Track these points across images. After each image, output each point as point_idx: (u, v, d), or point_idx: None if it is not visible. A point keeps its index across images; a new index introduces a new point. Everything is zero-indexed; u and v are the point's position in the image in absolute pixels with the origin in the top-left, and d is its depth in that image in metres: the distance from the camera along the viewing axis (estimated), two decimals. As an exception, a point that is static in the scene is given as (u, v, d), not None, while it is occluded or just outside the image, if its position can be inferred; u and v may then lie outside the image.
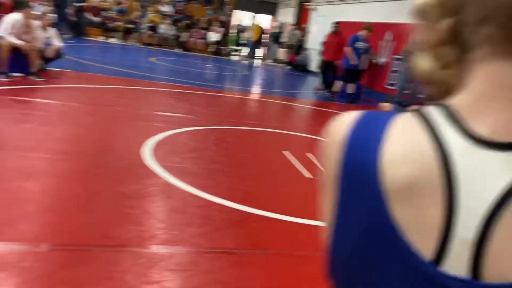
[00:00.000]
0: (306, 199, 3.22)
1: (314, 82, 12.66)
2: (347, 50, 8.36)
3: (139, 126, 4.53)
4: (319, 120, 7.07)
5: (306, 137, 5.32)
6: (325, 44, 10.14)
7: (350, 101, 8.62)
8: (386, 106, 6.94)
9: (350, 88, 8.69)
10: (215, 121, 5.30)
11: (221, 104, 6.88)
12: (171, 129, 4.49)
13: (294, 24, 17.33)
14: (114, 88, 6.53)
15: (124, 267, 1.97)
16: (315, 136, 5.42)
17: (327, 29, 14.13)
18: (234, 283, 1.98)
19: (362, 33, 8.36)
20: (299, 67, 15.00)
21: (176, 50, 15.44)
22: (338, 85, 8.72)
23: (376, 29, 10.89)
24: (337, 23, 9.36)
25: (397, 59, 9.29)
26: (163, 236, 2.31)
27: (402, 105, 7.65)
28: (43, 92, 5.53)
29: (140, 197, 2.78)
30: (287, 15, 18.75)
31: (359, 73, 8.64)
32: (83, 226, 2.28)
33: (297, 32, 16.55)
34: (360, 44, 8.36)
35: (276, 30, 17.71)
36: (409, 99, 8.74)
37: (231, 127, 5.11)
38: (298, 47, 16.13)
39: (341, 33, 9.29)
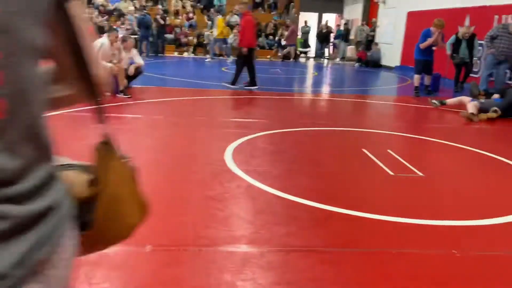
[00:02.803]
0: (392, 196, 3.13)
1: (388, 76, 12.20)
2: (421, 46, 8.04)
3: (219, 133, 4.72)
4: (398, 116, 6.82)
5: (385, 133, 5.16)
6: None
7: (427, 93, 8.20)
8: (465, 100, 6.49)
9: (426, 80, 8.30)
10: (289, 123, 5.35)
11: (294, 106, 6.92)
12: (248, 135, 4.63)
13: (362, 20, 16.90)
14: (192, 99, 6.87)
15: (219, 265, 2.08)
16: (395, 132, 5.23)
17: (399, 21, 13.60)
18: (327, 280, 2.00)
19: (432, 28, 7.97)
20: (370, 63, 14.57)
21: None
22: (415, 79, 8.33)
23: (454, 15, 10.27)
24: (245, 2, 8.20)
25: (480, 45, 8.65)
26: (252, 235, 2.40)
27: (488, 93, 7.10)
28: (131, 108, 6.00)
29: (226, 199, 2.90)
30: (354, 12, 18.34)
31: (430, 64, 8.19)
32: (179, 228, 2.45)
33: (366, 27, 16.11)
34: (431, 42, 7.99)
35: (342, 28, 17.37)
36: (494, 86, 8.10)
37: (306, 129, 5.13)
38: (367, 43, 15.70)
39: (246, 14, 8.10)
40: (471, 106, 6.08)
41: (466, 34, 8.50)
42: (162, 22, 14.76)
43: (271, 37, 17.24)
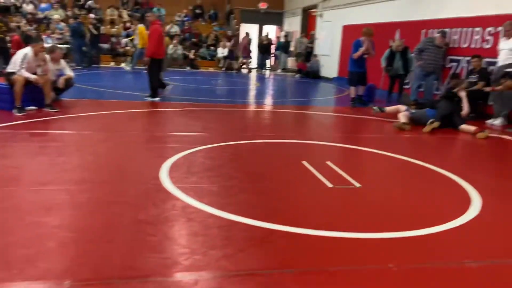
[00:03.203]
0: (330, 210, 3.11)
1: (327, 87, 12.55)
2: (354, 56, 8.32)
3: (154, 149, 4.50)
4: (337, 126, 6.96)
5: (325, 145, 5.21)
6: None
7: (361, 103, 8.48)
8: (402, 108, 6.79)
9: (360, 90, 8.60)
10: (230, 136, 5.25)
11: (235, 118, 6.83)
12: (186, 149, 4.45)
13: (301, 32, 17.33)
14: (126, 112, 6.56)
15: (148, 299, 1.90)
16: (334, 143, 5.30)
17: (335, 34, 14.09)
18: (263, 307, 1.89)
19: (362, 38, 8.30)
20: (310, 74, 14.93)
21: (186, 68, 15.60)
22: (351, 90, 8.60)
23: (385, 29, 10.80)
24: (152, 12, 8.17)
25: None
26: (186, 262, 2.23)
27: (418, 103, 7.48)
28: (58, 123, 5.58)
29: (159, 222, 2.71)
30: (293, 24, 18.77)
31: (363, 75, 8.52)
32: (105, 258, 2.23)
33: (305, 39, 16.53)
34: (363, 52, 8.31)
35: (283, 40, 17.71)
36: (424, 96, 8.57)
37: (246, 141, 5.05)
38: (307, 54, 16.10)
39: (153, 23, 7.76)
40: (402, 116, 6.34)
41: (399, 47, 8.92)
42: (95, 32, 14.14)
43: (212, 47, 17.16)
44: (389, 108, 6.95)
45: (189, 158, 4.18)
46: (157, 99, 7.76)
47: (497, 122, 6.94)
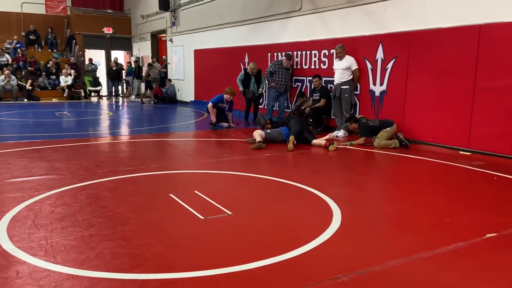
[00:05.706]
0: (206, 246, 2.94)
1: (185, 111, 12.47)
2: (210, 106, 8.56)
3: (-13, 203, 3.72)
4: (200, 152, 6.86)
5: (190, 173, 5.05)
6: None
7: (212, 127, 8.61)
8: (259, 131, 7.07)
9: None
10: (84, 175, 4.69)
11: (88, 154, 6.17)
12: (29, 198, 3.80)
13: (152, 57, 17.02)
14: None
15: None
16: (199, 170, 5.18)
17: (188, 58, 14.19)
18: None
19: (225, 96, 8.66)
20: (166, 99, 14.69)
21: (24, 100, 13.81)
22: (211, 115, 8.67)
23: (236, 52, 11.30)
24: None
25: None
26: None
27: (272, 122, 7.93)
28: None
29: (-1, 299, 2.18)
30: (143, 49, 18.32)
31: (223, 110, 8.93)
32: None
33: (157, 64, 16.27)
34: (221, 105, 8.74)
35: (134, 65, 17.13)
36: (277, 115, 9.17)
37: (104, 179, 4.57)
38: (161, 79, 15.84)
39: None
40: (258, 135, 6.58)
41: (254, 70, 9.31)
42: None
43: (53, 76, 15.60)
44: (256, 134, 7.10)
45: (34, 209, 3.55)
46: None
47: (340, 133, 7.78)
